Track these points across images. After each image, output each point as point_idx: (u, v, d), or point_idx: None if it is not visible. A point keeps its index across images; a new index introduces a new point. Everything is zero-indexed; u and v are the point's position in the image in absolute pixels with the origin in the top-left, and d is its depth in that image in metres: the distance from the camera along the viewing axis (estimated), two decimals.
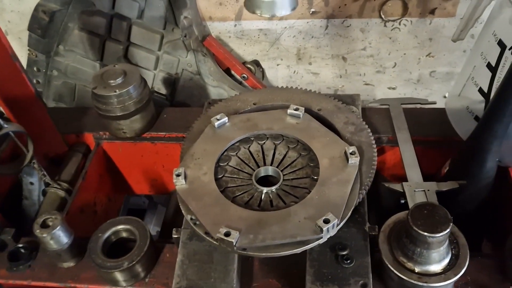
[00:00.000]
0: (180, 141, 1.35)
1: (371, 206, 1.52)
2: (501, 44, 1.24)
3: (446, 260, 1.05)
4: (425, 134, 1.60)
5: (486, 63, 1.33)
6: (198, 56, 2.16)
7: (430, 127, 1.62)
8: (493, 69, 1.30)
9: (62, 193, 1.58)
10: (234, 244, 1.00)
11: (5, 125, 1.38)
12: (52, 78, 2.36)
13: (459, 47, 2.17)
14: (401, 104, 1.69)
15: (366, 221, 1.19)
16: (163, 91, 2.30)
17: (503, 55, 1.25)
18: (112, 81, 1.56)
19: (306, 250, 1.13)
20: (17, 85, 1.50)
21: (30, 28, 2.20)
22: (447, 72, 2.30)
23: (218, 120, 1.30)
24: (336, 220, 1.01)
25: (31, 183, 1.88)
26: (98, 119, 1.67)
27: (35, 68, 2.33)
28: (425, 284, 1.03)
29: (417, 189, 1.37)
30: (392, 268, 1.06)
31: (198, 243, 1.17)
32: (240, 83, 2.27)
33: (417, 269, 1.05)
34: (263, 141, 1.29)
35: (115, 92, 1.54)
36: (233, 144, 1.28)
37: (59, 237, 1.21)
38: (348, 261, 1.10)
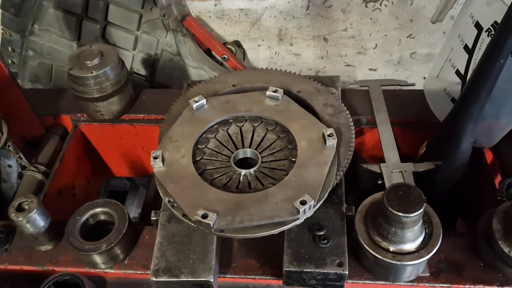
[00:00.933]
0: (159, 123, 1.34)
1: (350, 187, 1.54)
2: (478, 26, 1.25)
3: (420, 239, 1.08)
4: (403, 116, 1.62)
5: (463, 45, 1.34)
6: (178, 37, 2.13)
7: (408, 109, 1.63)
8: (470, 51, 1.32)
9: (39, 176, 1.56)
10: (212, 226, 1.00)
11: None
12: (27, 58, 2.30)
13: (439, 29, 2.18)
14: (381, 85, 1.70)
15: (343, 202, 1.21)
16: (142, 72, 2.27)
17: (479, 37, 1.26)
18: (88, 62, 1.52)
19: (284, 231, 1.14)
20: None
21: (3, 7, 2.13)
22: (427, 53, 2.31)
23: (196, 102, 1.28)
24: (313, 201, 1.02)
25: (9, 166, 1.84)
26: (75, 101, 1.64)
27: (9, 48, 2.27)
28: (398, 263, 1.05)
29: (394, 170, 1.39)
30: (367, 248, 1.08)
31: (177, 225, 1.17)
32: (221, 64, 2.24)
33: (391, 248, 1.08)
34: (242, 123, 1.28)
35: (92, 73, 1.51)
36: (211, 126, 1.27)
37: (35, 220, 1.20)
38: (325, 241, 1.12)
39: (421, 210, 1.00)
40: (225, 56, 2.17)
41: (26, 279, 1.34)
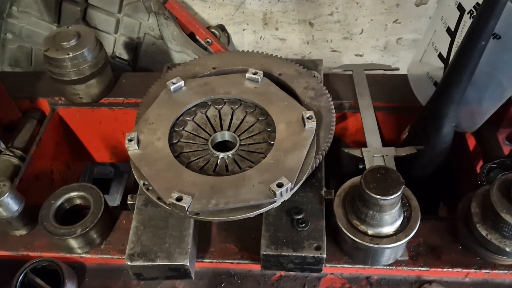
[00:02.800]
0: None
1: (333, 172, 1.53)
2: (460, 7, 1.24)
3: (398, 222, 1.07)
4: (387, 100, 1.60)
5: (446, 28, 1.32)
6: (160, 20, 2.09)
7: (392, 94, 1.62)
8: (452, 33, 1.30)
9: (15, 160, 1.52)
10: (187, 209, 0.99)
11: None
12: (6, 41, 2.24)
13: (425, 14, 2.16)
14: (364, 70, 1.68)
15: (322, 186, 1.19)
16: (124, 56, 2.22)
17: (462, 19, 1.24)
18: (65, 43, 1.48)
19: (262, 215, 1.13)
20: None
21: None
22: (413, 39, 2.30)
23: (174, 84, 1.26)
24: (290, 184, 1.01)
25: None
26: (53, 84, 1.60)
27: None
28: (376, 246, 1.04)
29: (375, 155, 1.37)
30: (345, 231, 1.08)
31: (154, 209, 1.15)
32: (205, 48, 2.21)
33: (370, 232, 1.07)
34: (221, 106, 1.26)
35: (68, 54, 1.47)
36: (189, 109, 1.25)
37: (8, 204, 1.17)
38: (303, 225, 1.11)
39: (399, 193, 0.99)
40: (208, 40, 2.13)
41: (2, 265, 1.32)
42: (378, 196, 0.99)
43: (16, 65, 2.31)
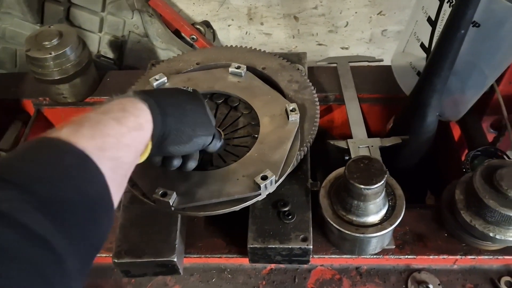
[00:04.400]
0: None
1: (320, 165, 1.53)
2: None
3: (383, 211, 1.08)
4: (371, 92, 1.61)
5: (427, 18, 1.33)
6: (145, 17, 2.08)
7: (377, 85, 1.63)
8: (433, 23, 1.31)
9: None
10: (171, 204, 0.99)
11: None
12: None
13: (409, 5, 2.16)
14: (349, 62, 1.68)
15: (308, 178, 1.20)
16: (110, 55, 2.21)
17: (441, 8, 1.25)
18: (47, 43, 1.47)
19: (249, 208, 1.14)
20: None
21: None
22: (398, 30, 2.31)
23: (157, 80, 1.25)
24: (274, 176, 1.01)
25: None
26: (37, 85, 1.59)
27: None
28: (362, 235, 1.05)
29: (361, 146, 1.38)
30: (331, 222, 1.08)
31: (140, 206, 1.14)
32: (191, 45, 2.20)
33: (355, 221, 1.07)
34: (205, 101, 1.26)
35: (51, 54, 1.46)
36: None
37: None
38: (290, 217, 1.11)
39: (382, 181, 1.00)
40: (193, 36, 2.12)
41: None
42: (361, 186, 0.99)
43: (1, 66, 2.28)
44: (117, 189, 0.71)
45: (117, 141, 0.72)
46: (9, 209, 0.53)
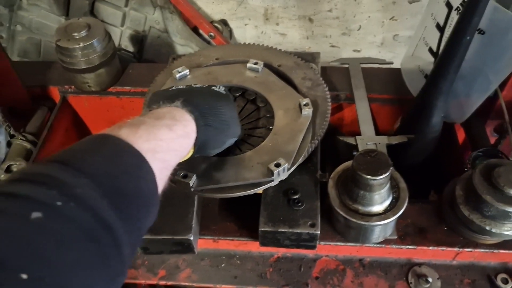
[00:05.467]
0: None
1: (329, 160, 1.61)
2: (449, 5, 1.32)
3: (387, 202, 1.15)
4: (381, 92, 1.68)
5: (435, 24, 1.40)
6: (166, 14, 2.16)
7: (386, 86, 1.70)
8: (441, 29, 1.38)
9: (27, 144, 1.61)
10: (191, 185, 1.07)
11: None
12: (16, 33, 2.32)
13: (420, 11, 2.24)
14: (360, 63, 1.76)
15: (317, 169, 1.27)
16: (130, 48, 2.30)
17: (449, 15, 1.32)
18: (76, 34, 1.56)
19: (261, 195, 1.21)
20: None
21: None
22: (409, 36, 2.38)
23: (179, 72, 1.34)
24: (287, 164, 1.09)
25: None
26: (63, 73, 1.68)
27: None
28: (366, 223, 1.12)
29: (369, 142, 1.45)
30: (338, 210, 1.16)
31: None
32: (208, 42, 2.29)
33: (361, 210, 1.15)
34: None
35: (79, 44, 1.55)
36: None
37: None
38: (299, 204, 1.19)
39: (387, 173, 1.07)
40: (211, 34, 2.21)
41: None
42: (368, 176, 1.07)
43: (25, 56, 2.39)
44: (161, 188, 0.81)
45: (167, 146, 0.82)
46: (82, 194, 0.62)
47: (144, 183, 0.74)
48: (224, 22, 2.34)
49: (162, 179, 0.80)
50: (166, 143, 0.82)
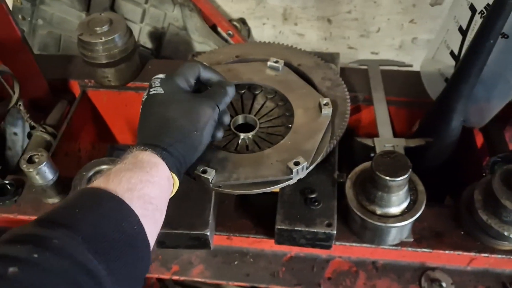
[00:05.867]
0: None
1: (346, 162, 1.61)
2: (472, 8, 1.31)
3: (405, 204, 1.15)
4: (399, 95, 1.68)
5: (458, 27, 1.39)
6: (185, 11, 2.18)
7: (405, 88, 1.69)
8: (463, 32, 1.37)
9: (47, 136, 1.63)
10: (210, 181, 1.08)
11: None
12: (37, 27, 2.35)
13: (441, 15, 2.22)
14: (379, 65, 1.75)
15: (335, 170, 1.27)
16: (148, 45, 2.32)
17: (473, 19, 1.31)
18: (98, 29, 1.58)
19: (278, 194, 1.22)
20: (3, 27, 1.52)
21: None
22: (428, 39, 2.36)
23: None
24: (306, 163, 1.09)
25: (15, 134, 1.91)
26: (83, 67, 1.70)
27: (20, 16, 2.32)
28: (383, 224, 1.12)
29: (386, 144, 1.45)
30: (355, 211, 1.16)
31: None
32: (226, 40, 2.30)
33: (378, 212, 1.15)
34: (243, 91, 1.34)
35: (101, 39, 1.57)
36: None
37: (44, 173, 1.27)
38: (316, 203, 1.19)
39: (406, 175, 1.07)
40: (230, 32, 2.22)
41: None
42: (387, 178, 1.07)
43: (45, 50, 2.42)
44: (151, 224, 0.82)
45: (140, 181, 0.83)
46: (59, 243, 0.65)
47: (127, 224, 0.76)
48: (242, 21, 2.34)
49: (147, 216, 0.81)
50: (137, 179, 0.83)
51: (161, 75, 1.05)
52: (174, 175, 0.94)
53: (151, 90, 1.03)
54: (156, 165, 0.89)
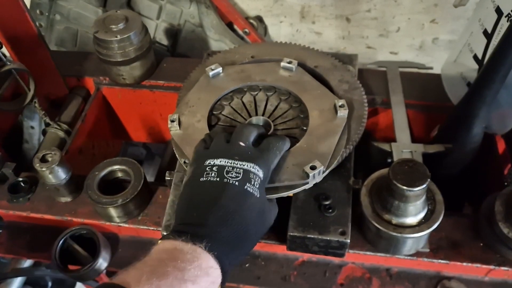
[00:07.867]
0: (178, 91, 1.38)
1: (361, 166, 1.57)
2: (499, 11, 1.26)
3: (422, 214, 1.11)
4: (419, 98, 1.63)
5: (482, 30, 1.34)
6: (201, 8, 2.16)
7: (424, 92, 1.64)
8: (488, 36, 1.32)
9: (61, 133, 1.63)
10: None
11: (8, 63, 1.41)
12: (54, 22, 2.36)
13: (463, 15, 2.15)
14: (399, 67, 1.71)
15: (351, 176, 1.24)
16: (164, 42, 2.31)
17: (499, 22, 1.26)
18: (113, 26, 1.57)
19: (291, 199, 1.19)
20: (20, 24, 1.52)
21: None
22: (449, 40, 2.30)
23: (212, 70, 1.32)
24: (322, 167, 1.06)
25: (32, 127, 1.93)
26: (99, 64, 1.70)
27: (38, 11, 2.33)
28: (399, 235, 1.09)
29: (404, 150, 1.41)
30: (370, 219, 1.13)
31: None
32: (242, 38, 2.27)
33: (394, 221, 1.11)
34: (256, 92, 1.32)
35: (117, 37, 1.55)
36: (226, 94, 1.31)
37: (57, 172, 1.27)
38: (330, 211, 1.16)
39: (425, 185, 1.03)
40: (246, 30, 2.19)
41: (45, 230, 1.43)
42: (404, 187, 1.03)
43: (62, 45, 2.43)
44: None
45: None
46: None
47: None
48: (259, 19, 2.31)
49: None
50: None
51: (261, 174, 0.98)
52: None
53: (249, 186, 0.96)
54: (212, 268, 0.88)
